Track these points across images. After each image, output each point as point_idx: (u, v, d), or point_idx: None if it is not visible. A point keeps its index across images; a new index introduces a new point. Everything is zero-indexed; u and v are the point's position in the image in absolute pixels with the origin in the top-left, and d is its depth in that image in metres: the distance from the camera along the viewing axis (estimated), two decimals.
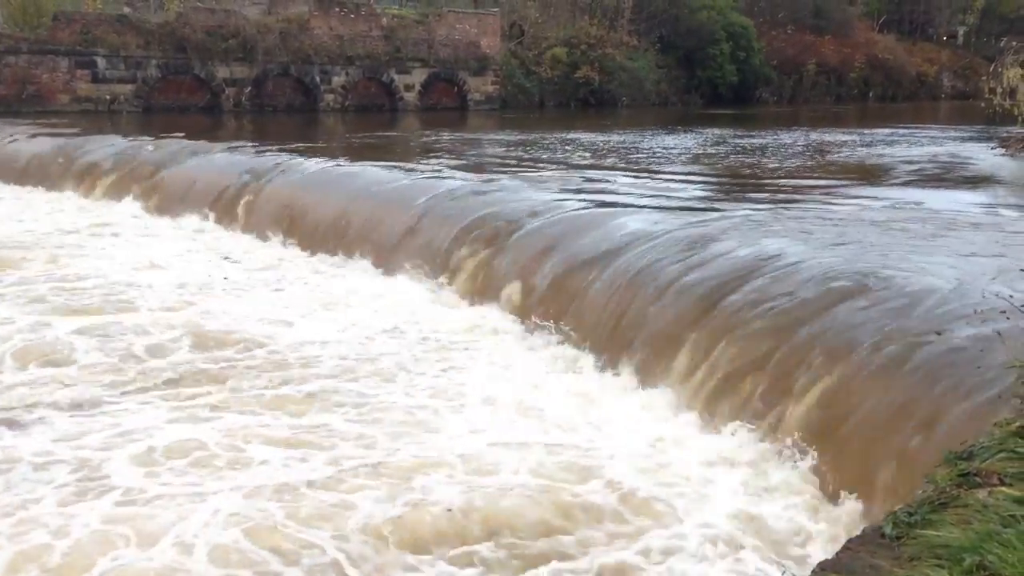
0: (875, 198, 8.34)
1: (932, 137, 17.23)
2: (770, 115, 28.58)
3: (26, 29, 20.23)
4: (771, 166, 11.91)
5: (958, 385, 3.47)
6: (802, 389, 4.03)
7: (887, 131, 18.77)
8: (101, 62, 20.76)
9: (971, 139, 16.65)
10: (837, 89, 38.79)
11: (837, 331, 4.18)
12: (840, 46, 38.58)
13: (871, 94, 40.24)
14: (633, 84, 31.08)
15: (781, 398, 4.08)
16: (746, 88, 34.23)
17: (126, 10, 22.27)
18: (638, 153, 13.69)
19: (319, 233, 8.67)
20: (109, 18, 21.39)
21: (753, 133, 18.66)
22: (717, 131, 18.96)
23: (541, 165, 11.58)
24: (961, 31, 48.15)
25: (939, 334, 3.62)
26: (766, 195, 8.56)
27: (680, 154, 13.77)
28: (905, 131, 19.07)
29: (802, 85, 37.13)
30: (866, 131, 19.17)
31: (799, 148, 14.86)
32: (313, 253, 8.44)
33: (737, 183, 10.26)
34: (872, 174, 11.05)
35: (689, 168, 11.80)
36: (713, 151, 14.47)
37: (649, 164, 11.95)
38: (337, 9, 25.16)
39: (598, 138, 16.35)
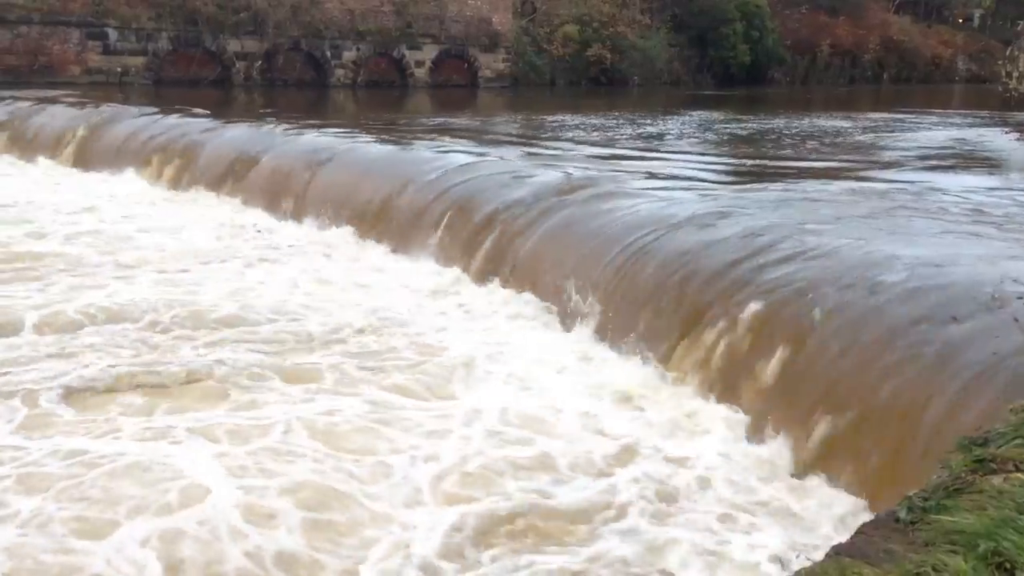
0: (889, 181, 8.28)
1: (950, 122, 17.09)
2: (783, 96, 28.41)
3: (38, 0, 20.17)
4: (782, 152, 11.81)
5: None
6: None
7: (899, 115, 18.63)
8: (112, 34, 20.71)
9: (986, 124, 16.53)
10: (851, 71, 38.51)
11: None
12: (854, 27, 38.25)
13: (885, 76, 39.94)
14: (645, 63, 30.90)
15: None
16: (759, 68, 33.98)
17: None
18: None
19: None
20: None
21: (766, 116, 18.56)
22: (728, 115, 18.77)
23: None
24: (977, 14, 47.71)
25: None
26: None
27: (697, 137, 13.69)
28: (922, 115, 18.92)
29: (815, 66, 36.85)
30: (877, 115, 19.02)
31: (812, 131, 14.75)
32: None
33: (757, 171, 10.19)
34: (883, 159, 10.97)
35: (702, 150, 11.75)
36: (724, 134, 14.40)
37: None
38: None
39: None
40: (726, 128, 15.38)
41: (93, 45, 20.51)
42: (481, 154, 9.39)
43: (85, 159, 12.13)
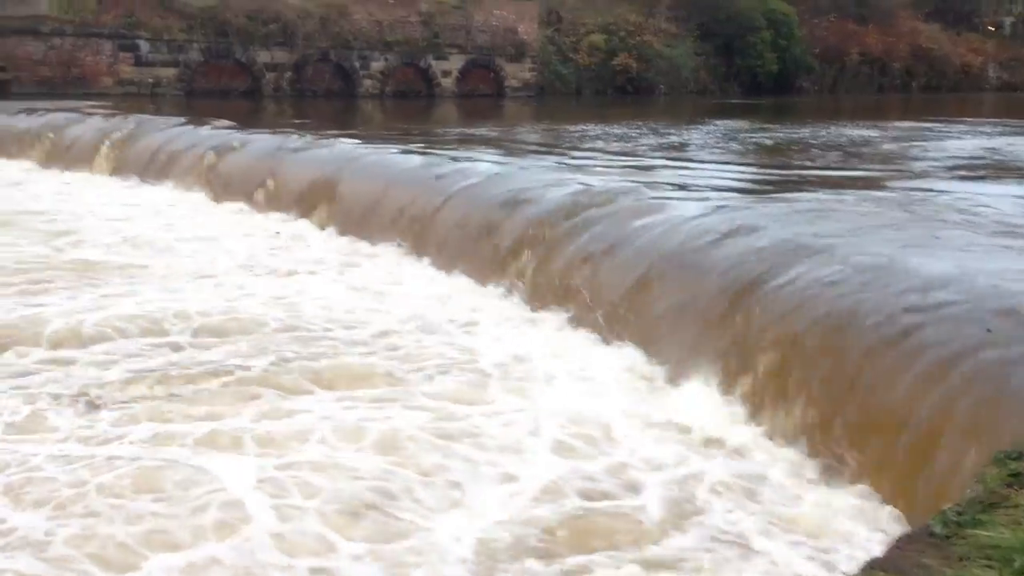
0: (917, 190, 8.24)
1: (980, 131, 16.94)
2: (810, 105, 28.28)
3: (71, 12, 20.51)
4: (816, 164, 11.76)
5: None
6: None
7: (929, 124, 18.48)
8: (144, 46, 21.02)
9: (1018, 133, 16.37)
10: (880, 79, 38.22)
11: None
12: (883, 35, 37.98)
13: (914, 85, 39.61)
14: (671, 72, 30.88)
15: None
16: (786, 77, 33.84)
17: None
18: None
19: None
20: (152, 2, 21.63)
21: (793, 125, 18.50)
22: (754, 124, 18.72)
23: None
24: (1008, 21, 47.20)
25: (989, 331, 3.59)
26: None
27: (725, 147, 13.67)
28: (951, 124, 18.77)
29: (844, 75, 36.63)
30: (907, 123, 18.89)
31: (840, 140, 14.69)
32: None
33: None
34: (912, 168, 10.91)
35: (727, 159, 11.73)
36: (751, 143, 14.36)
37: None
38: None
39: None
40: (752, 137, 15.33)
41: (125, 57, 20.83)
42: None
43: (123, 167, 12.34)
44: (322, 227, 8.91)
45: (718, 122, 18.33)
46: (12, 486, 3.65)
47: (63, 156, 13.23)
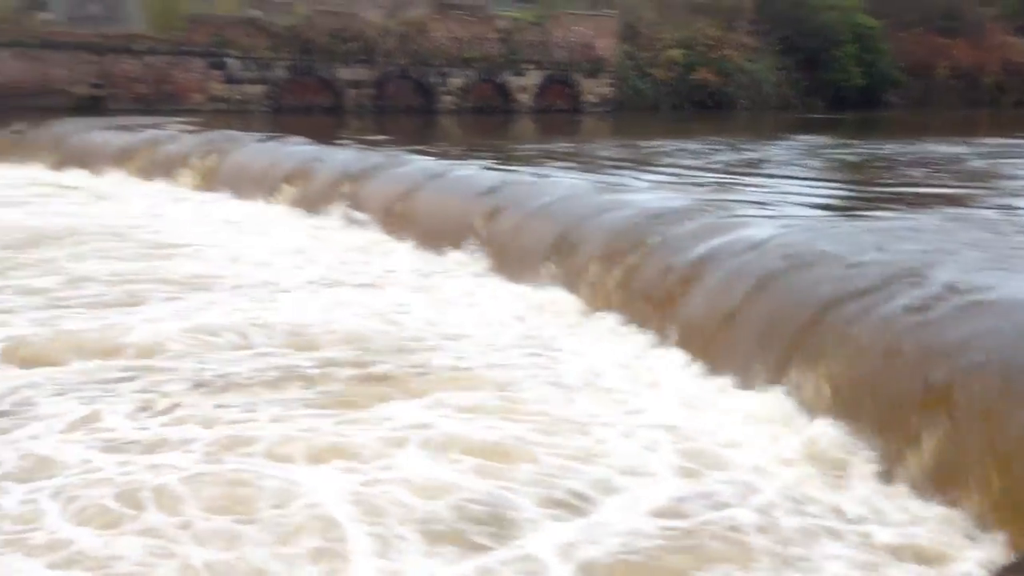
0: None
1: None
2: (897, 120, 27.64)
3: (164, 31, 21.30)
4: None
5: None
6: None
7: (1021, 140, 17.89)
8: (233, 64, 21.71)
9: None
10: (970, 94, 37.09)
11: None
12: (973, 49, 36.87)
13: (1005, 100, 38.33)
14: (752, 86, 30.54)
15: None
16: (872, 91, 33.10)
17: (255, 13, 23.19)
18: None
19: None
20: (240, 21, 22.34)
21: (878, 140, 18.10)
22: (837, 139, 18.37)
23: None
24: None
25: None
26: None
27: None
28: None
29: (932, 89, 35.67)
30: (997, 140, 18.32)
31: (927, 156, 14.33)
32: None
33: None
34: (1006, 186, 10.59)
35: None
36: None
37: None
38: (456, 12, 25.64)
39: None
40: (834, 153, 15.05)
41: (215, 74, 21.54)
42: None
43: (213, 182, 12.78)
44: (400, 239, 9.12)
45: (799, 137, 18.05)
46: (95, 498, 3.70)
47: (156, 170, 13.73)
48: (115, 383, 5.08)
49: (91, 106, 19.62)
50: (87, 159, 14.73)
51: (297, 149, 12.88)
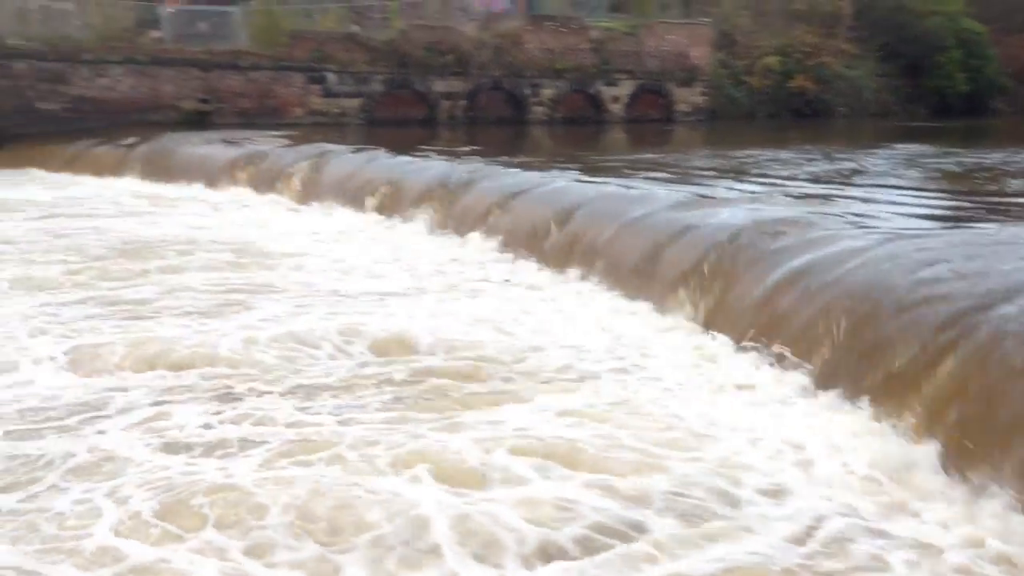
0: None
1: None
2: (1005, 128, 26.58)
3: (266, 47, 22.05)
4: None
5: None
6: None
7: None
8: (331, 78, 22.31)
9: None
10: None
11: None
12: None
13: None
14: (851, 94, 29.82)
15: None
16: (978, 98, 31.89)
17: (354, 28, 23.79)
18: None
19: None
20: (339, 36, 22.95)
21: (983, 149, 17.44)
22: (940, 148, 17.76)
23: None
24: None
25: None
26: None
27: None
28: None
29: None
30: None
31: None
32: None
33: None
34: None
35: None
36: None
37: None
38: (549, 23, 25.80)
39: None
40: (936, 163, 14.58)
41: (314, 89, 22.18)
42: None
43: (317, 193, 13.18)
44: (500, 250, 9.31)
45: (899, 146, 17.54)
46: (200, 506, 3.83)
47: (262, 183, 14.24)
48: (220, 387, 5.35)
49: (198, 120, 20.44)
50: (192, 172, 15.38)
51: (391, 161, 13.18)
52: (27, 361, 5.77)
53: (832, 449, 4.27)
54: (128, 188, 15.23)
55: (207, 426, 4.74)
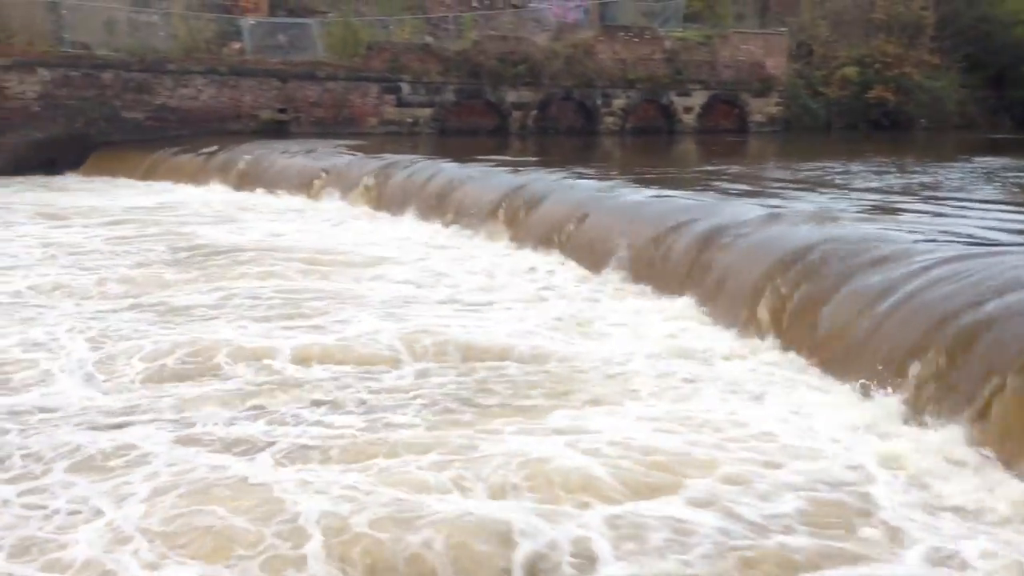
0: None
1: None
2: None
3: (343, 58, 22.50)
4: None
5: None
6: None
7: None
8: (405, 88, 22.66)
9: None
10: None
11: None
12: None
13: None
14: (933, 105, 29.11)
15: None
16: None
17: (428, 39, 24.11)
18: None
19: None
20: (414, 47, 23.29)
21: None
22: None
23: None
24: None
25: None
26: None
27: None
28: None
29: None
30: None
31: None
32: None
33: None
34: None
35: None
36: None
37: None
38: (622, 34, 25.75)
39: None
40: (1015, 177, 14.12)
41: (388, 99, 22.54)
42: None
43: (387, 202, 13.37)
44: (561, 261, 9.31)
45: (979, 159, 17.05)
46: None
47: (339, 191, 14.52)
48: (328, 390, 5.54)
49: (275, 129, 20.96)
50: (270, 180, 15.78)
51: (463, 173, 13.26)
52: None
53: None
54: (202, 196, 15.68)
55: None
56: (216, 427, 4.92)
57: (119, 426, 4.95)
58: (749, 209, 8.48)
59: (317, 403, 5.29)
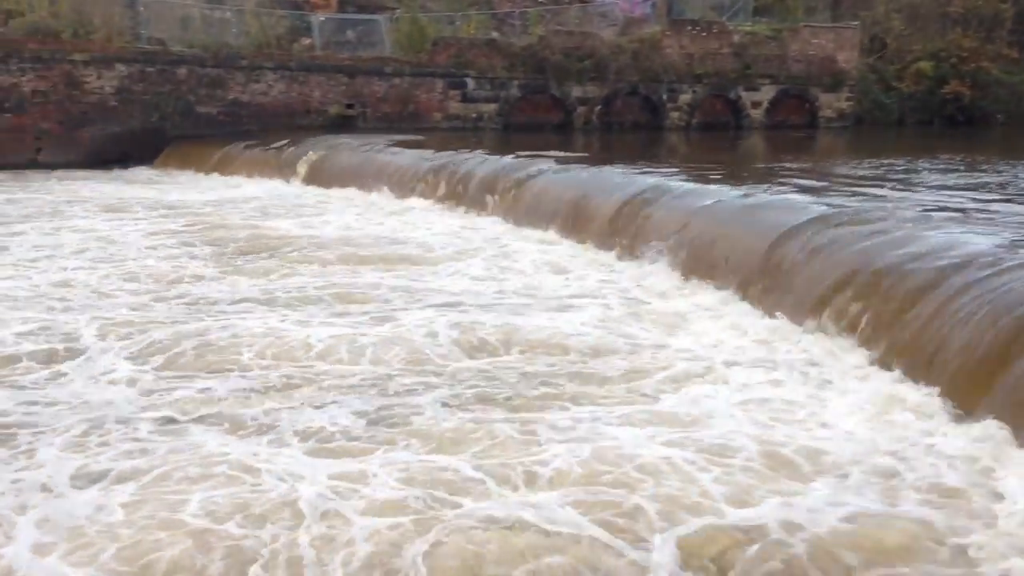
0: None
1: None
2: None
3: (410, 53, 22.71)
4: None
5: None
6: None
7: None
8: (470, 83, 22.78)
9: None
10: None
11: None
12: None
13: None
14: (1012, 100, 28.30)
15: None
16: None
17: (494, 34, 24.18)
18: None
19: None
20: (480, 42, 23.39)
21: None
22: None
23: None
24: None
25: None
26: None
27: None
28: None
29: None
30: None
31: None
32: None
33: None
34: None
35: None
36: None
37: None
38: (689, 28, 25.50)
39: None
40: None
41: (453, 94, 22.69)
42: None
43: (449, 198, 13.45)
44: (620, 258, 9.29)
45: None
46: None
47: (397, 186, 14.63)
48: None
49: (343, 124, 21.26)
50: (338, 176, 15.96)
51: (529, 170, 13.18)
52: None
53: None
54: (272, 189, 15.95)
55: None
56: None
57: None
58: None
59: None
